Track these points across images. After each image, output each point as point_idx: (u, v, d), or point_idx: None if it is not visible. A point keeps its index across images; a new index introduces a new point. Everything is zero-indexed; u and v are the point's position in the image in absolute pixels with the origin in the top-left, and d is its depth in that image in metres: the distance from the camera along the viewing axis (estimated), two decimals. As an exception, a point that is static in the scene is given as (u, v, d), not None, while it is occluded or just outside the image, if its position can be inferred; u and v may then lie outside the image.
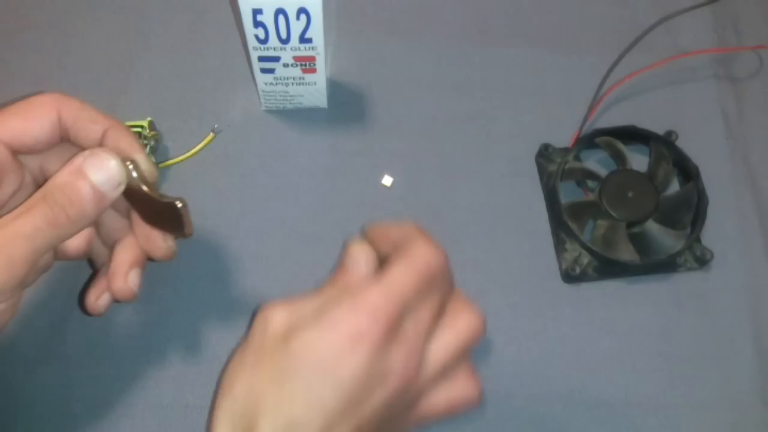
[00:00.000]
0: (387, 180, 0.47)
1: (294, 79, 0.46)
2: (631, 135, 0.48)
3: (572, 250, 0.45)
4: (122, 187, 0.32)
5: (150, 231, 0.36)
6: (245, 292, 0.44)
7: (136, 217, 0.36)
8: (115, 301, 0.37)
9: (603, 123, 0.49)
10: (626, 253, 0.44)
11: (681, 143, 0.47)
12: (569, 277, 0.44)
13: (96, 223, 0.37)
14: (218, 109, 0.49)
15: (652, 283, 0.45)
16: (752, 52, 0.51)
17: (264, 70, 0.45)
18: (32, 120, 0.33)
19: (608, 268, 0.44)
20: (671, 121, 0.48)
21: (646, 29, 0.48)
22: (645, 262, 0.44)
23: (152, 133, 0.47)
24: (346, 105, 0.49)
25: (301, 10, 0.40)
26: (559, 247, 0.45)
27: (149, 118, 0.47)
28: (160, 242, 0.36)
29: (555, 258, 0.45)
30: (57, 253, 0.36)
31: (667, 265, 0.45)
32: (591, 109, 0.48)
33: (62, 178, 0.31)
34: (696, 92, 0.50)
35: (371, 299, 0.28)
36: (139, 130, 0.45)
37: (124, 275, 0.36)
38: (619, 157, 0.47)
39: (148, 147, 0.46)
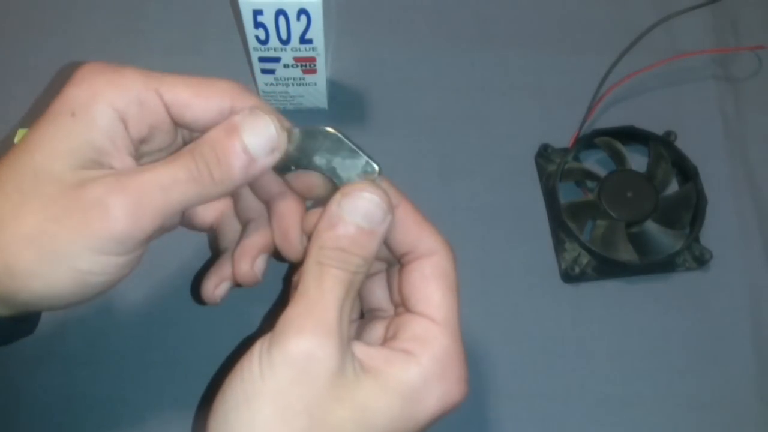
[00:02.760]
0: None
1: (294, 79, 0.46)
2: (630, 135, 0.48)
3: (571, 250, 0.45)
4: (277, 155, 0.29)
5: (288, 228, 0.33)
6: (246, 292, 0.44)
7: (277, 208, 0.33)
8: (236, 286, 0.35)
9: (602, 123, 0.49)
10: (625, 253, 0.44)
11: (680, 143, 0.47)
12: (568, 276, 0.44)
13: (234, 196, 0.34)
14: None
15: (651, 282, 0.45)
16: (751, 52, 0.51)
17: (264, 71, 0.45)
18: (203, 99, 0.29)
19: (607, 268, 0.45)
20: (670, 121, 0.49)
21: (645, 30, 0.48)
22: (644, 262, 0.44)
23: (153, 133, 0.47)
24: (346, 106, 0.50)
25: (302, 11, 0.40)
26: (559, 247, 0.45)
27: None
28: (296, 242, 0.33)
29: (554, 258, 0.45)
30: (184, 217, 0.34)
31: (666, 265, 0.45)
32: (590, 109, 0.48)
33: (214, 134, 0.28)
34: (695, 93, 0.51)
35: (453, 363, 0.28)
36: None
37: (252, 259, 0.34)
38: (618, 158, 0.47)
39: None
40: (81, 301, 0.28)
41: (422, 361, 0.27)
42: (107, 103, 0.28)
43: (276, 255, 0.35)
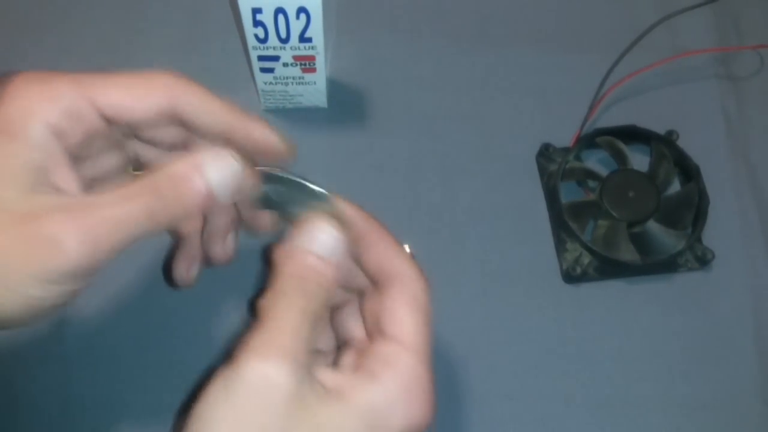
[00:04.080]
0: None
1: (294, 78, 0.46)
2: (632, 135, 0.48)
3: (573, 250, 0.45)
4: (238, 196, 0.30)
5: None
6: (247, 293, 0.44)
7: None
8: (207, 267, 0.36)
9: (604, 123, 0.49)
10: (627, 253, 0.44)
11: (682, 143, 0.47)
12: (570, 277, 0.44)
13: None
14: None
15: (653, 283, 0.45)
16: (753, 51, 0.51)
17: (263, 70, 0.45)
18: (139, 99, 0.29)
19: (609, 268, 0.44)
20: (672, 120, 0.48)
21: (646, 29, 0.48)
22: (646, 262, 0.44)
23: (152, 132, 0.46)
24: (346, 105, 0.49)
25: (301, 10, 0.40)
26: (560, 247, 0.45)
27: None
28: (266, 221, 0.34)
29: (555, 258, 0.45)
30: None
31: (668, 265, 0.45)
32: (591, 108, 0.48)
33: (177, 169, 0.28)
34: (697, 92, 0.50)
35: (420, 380, 0.27)
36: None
37: (222, 239, 0.34)
38: (619, 157, 0.47)
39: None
40: (35, 322, 0.28)
41: (386, 383, 0.27)
42: (39, 119, 0.27)
43: (247, 228, 0.35)
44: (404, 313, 0.29)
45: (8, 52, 0.51)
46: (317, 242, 0.29)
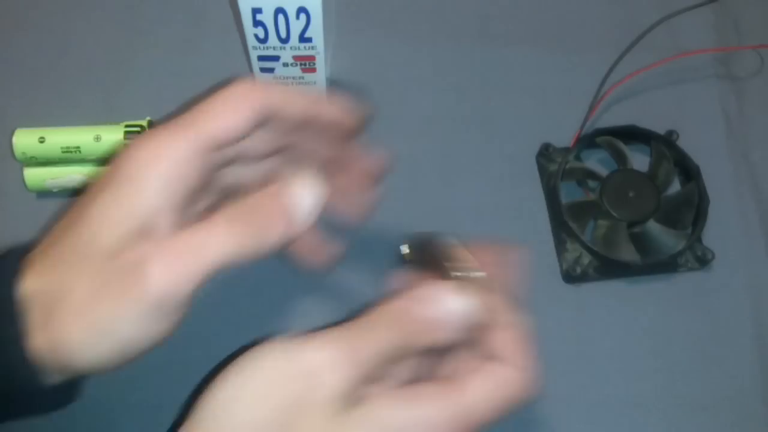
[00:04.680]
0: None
1: (294, 78, 0.46)
2: (632, 134, 0.48)
3: (573, 250, 0.45)
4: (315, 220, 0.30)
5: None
6: (247, 293, 0.44)
7: None
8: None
9: (604, 122, 0.49)
10: (627, 253, 0.44)
11: (682, 143, 0.47)
12: (570, 277, 0.44)
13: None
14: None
15: (653, 283, 0.45)
16: (753, 51, 0.51)
17: (263, 70, 0.45)
18: (230, 117, 0.29)
19: (609, 269, 0.44)
20: (672, 120, 0.48)
21: (646, 29, 0.48)
22: (646, 262, 0.44)
23: (152, 132, 0.46)
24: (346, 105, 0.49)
25: (301, 10, 0.40)
26: (560, 247, 0.45)
27: (148, 118, 0.47)
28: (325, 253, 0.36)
29: (555, 258, 0.45)
30: None
31: (668, 265, 0.45)
32: (591, 108, 0.48)
33: (263, 200, 0.29)
34: (697, 92, 0.50)
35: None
36: (138, 129, 0.45)
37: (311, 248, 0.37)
38: (619, 157, 0.47)
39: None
40: (127, 363, 0.29)
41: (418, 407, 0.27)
42: (154, 172, 0.28)
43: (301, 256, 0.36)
44: (481, 390, 0.28)
45: (8, 52, 0.51)
46: (452, 308, 0.29)
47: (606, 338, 0.43)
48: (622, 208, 0.45)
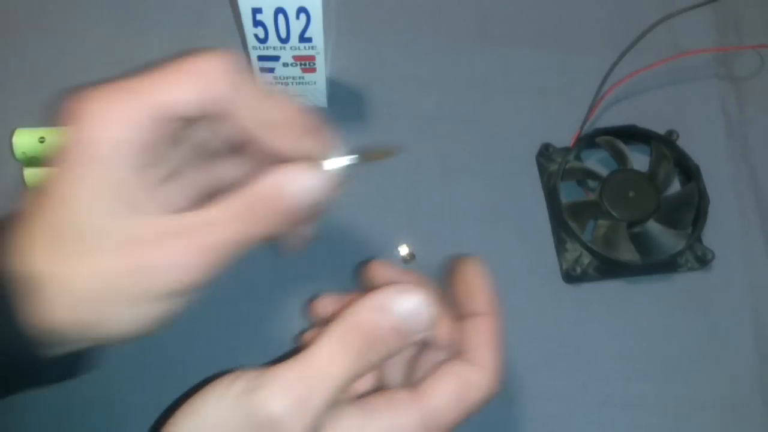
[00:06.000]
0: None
1: (294, 78, 0.46)
2: (632, 134, 0.48)
3: (573, 250, 0.45)
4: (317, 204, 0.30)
5: None
6: (246, 294, 0.44)
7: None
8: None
9: (604, 122, 0.49)
10: (627, 253, 0.44)
11: (682, 143, 0.47)
12: (570, 277, 0.44)
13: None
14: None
15: (653, 283, 0.45)
16: (753, 51, 0.51)
17: (263, 70, 0.45)
18: (180, 93, 0.29)
19: (609, 268, 0.44)
20: (672, 120, 0.48)
21: (646, 29, 0.48)
22: (646, 262, 0.44)
23: (152, 132, 0.46)
24: (346, 104, 0.49)
25: (301, 10, 0.40)
26: (560, 247, 0.45)
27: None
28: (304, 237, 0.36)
29: (555, 258, 0.45)
30: None
31: (668, 265, 0.45)
32: (591, 108, 0.48)
33: (266, 188, 0.29)
34: (697, 92, 0.50)
35: None
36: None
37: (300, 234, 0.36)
38: (619, 157, 0.47)
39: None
40: (146, 334, 0.29)
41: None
42: (107, 141, 0.28)
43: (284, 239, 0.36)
44: (447, 388, 0.29)
45: (8, 51, 0.51)
46: (408, 313, 0.28)
47: (606, 338, 0.43)
48: (622, 208, 0.45)
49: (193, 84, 0.29)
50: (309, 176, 0.29)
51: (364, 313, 0.28)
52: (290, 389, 0.26)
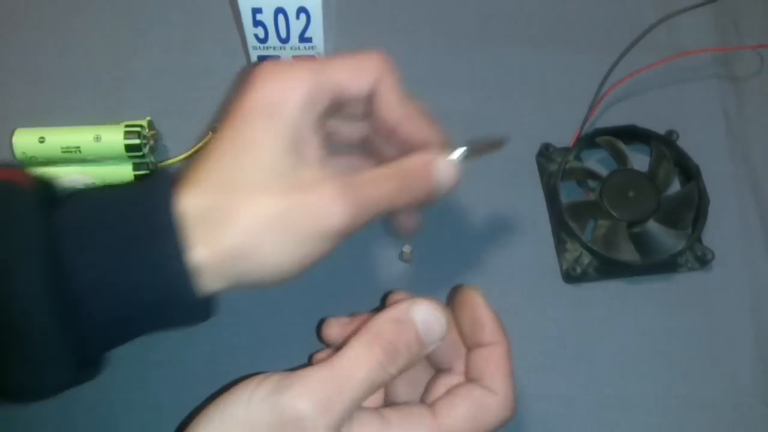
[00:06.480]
0: None
1: (294, 78, 0.46)
2: (632, 134, 0.48)
3: (573, 250, 0.45)
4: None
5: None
6: (245, 294, 0.43)
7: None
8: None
9: (604, 122, 0.49)
10: (627, 253, 0.44)
11: (682, 143, 0.47)
12: (570, 277, 0.44)
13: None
14: (218, 108, 0.49)
15: (653, 283, 0.45)
16: (753, 51, 0.51)
17: (263, 70, 0.45)
18: (355, 79, 0.35)
19: (609, 268, 0.44)
20: (672, 120, 0.48)
21: (646, 29, 0.48)
22: (646, 262, 0.44)
23: (151, 132, 0.47)
24: (346, 105, 0.49)
25: (301, 9, 0.40)
26: (560, 247, 0.45)
27: (148, 118, 0.47)
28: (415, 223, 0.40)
29: (555, 258, 0.45)
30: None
31: (668, 265, 0.45)
32: (591, 108, 0.48)
33: (417, 163, 0.34)
34: (697, 92, 0.50)
35: None
36: (138, 129, 0.45)
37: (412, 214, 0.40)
38: (619, 157, 0.47)
39: (147, 146, 0.45)
40: (291, 277, 0.32)
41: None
42: (292, 102, 0.32)
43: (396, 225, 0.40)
44: (463, 413, 0.31)
45: (8, 52, 0.51)
46: (424, 320, 0.31)
47: (606, 338, 0.43)
48: (622, 208, 0.45)
49: (364, 73, 0.34)
50: (450, 163, 0.34)
51: (386, 324, 0.31)
52: (317, 390, 0.28)
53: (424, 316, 0.31)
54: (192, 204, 0.31)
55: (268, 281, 0.32)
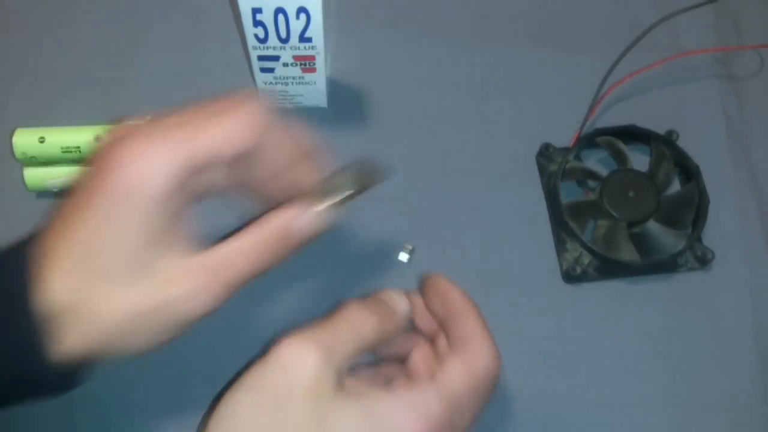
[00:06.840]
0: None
1: (294, 78, 0.46)
2: (632, 134, 0.48)
3: (573, 250, 0.45)
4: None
5: None
6: (246, 294, 0.43)
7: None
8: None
9: (604, 122, 0.49)
10: (627, 253, 0.44)
11: (682, 143, 0.47)
12: (570, 277, 0.44)
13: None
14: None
15: (653, 283, 0.45)
16: (753, 51, 0.51)
17: (263, 70, 0.45)
18: (227, 143, 0.31)
19: (609, 268, 0.44)
20: (672, 120, 0.48)
21: (646, 29, 0.48)
22: (646, 262, 0.44)
23: (152, 132, 0.46)
24: (346, 105, 0.49)
25: (301, 9, 0.40)
26: (560, 247, 0.45)
27: (148, 118, 0.47)
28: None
29: (555, 258, 0.45)
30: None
31: (668, 265, 0.45)
32: (591, 108, 0.48)
33: (279, 224, 0.32)
34: (697, 91, 0.50)
35: (431, 408, 0.30)
36: (138, 129, 0.45)
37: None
38: (619, 157, 0.47)
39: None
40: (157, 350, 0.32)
41: (400, 396, 0.30)
42: (157, 187, 0.29)
43: None
44: (456, 369, 0.32)
45: (8, 52, 0.51)
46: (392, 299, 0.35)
47: (606, 338, 0.43)
48: (622, 208, 0.45)
49: (241, 135, 0.31)
50: (313, 213, 0.33)
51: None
52: (306, 339, 0.30)
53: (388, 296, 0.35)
54: (57, 290, 0.29)
55: (134, 357, 0.32)
